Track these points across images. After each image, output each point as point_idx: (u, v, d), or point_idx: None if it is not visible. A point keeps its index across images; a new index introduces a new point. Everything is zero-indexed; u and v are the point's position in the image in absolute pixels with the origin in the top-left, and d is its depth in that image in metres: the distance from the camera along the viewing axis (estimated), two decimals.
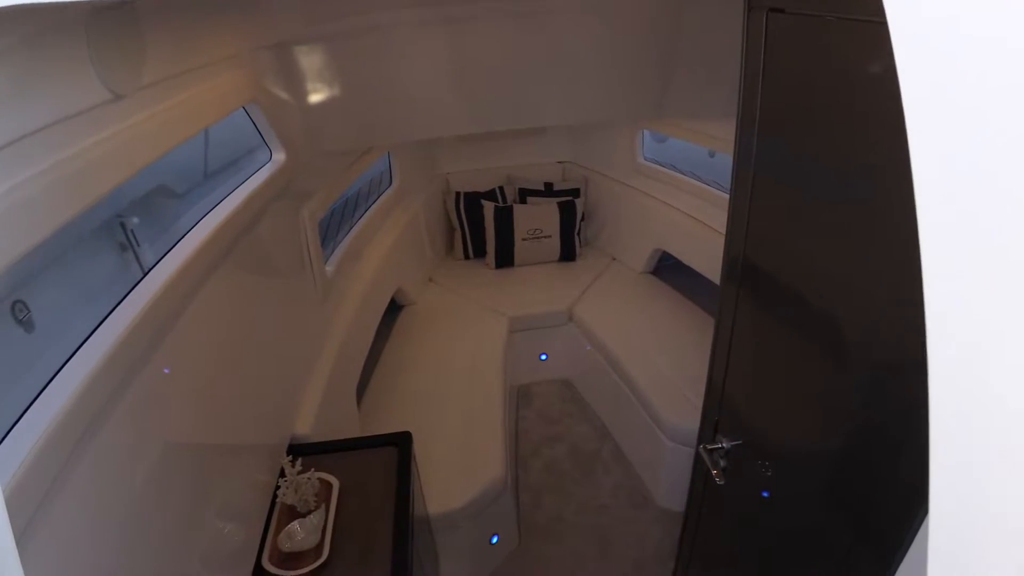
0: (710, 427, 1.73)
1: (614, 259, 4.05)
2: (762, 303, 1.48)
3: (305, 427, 2.05)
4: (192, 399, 1.39)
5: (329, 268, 2.56)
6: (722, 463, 1.59)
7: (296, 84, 2.15)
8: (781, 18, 1.16)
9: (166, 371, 1.26)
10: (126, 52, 1.12)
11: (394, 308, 3.55)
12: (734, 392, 1.62)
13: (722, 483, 1.56)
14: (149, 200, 3.36)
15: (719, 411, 1.68)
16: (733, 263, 1.54)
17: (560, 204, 3.95)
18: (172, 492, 1.24)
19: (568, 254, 4.01)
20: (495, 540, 2.59)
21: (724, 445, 1.60)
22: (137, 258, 2.82)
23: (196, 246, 1.42)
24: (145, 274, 1.31)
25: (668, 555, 2.65)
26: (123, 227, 3.06)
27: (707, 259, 3.22)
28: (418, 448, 2.29)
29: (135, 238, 2.73)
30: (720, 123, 2.97)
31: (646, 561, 2.64)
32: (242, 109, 1.90)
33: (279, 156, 2.01)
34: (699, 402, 2.69)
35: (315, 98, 2.24)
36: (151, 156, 1.22)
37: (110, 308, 1.20)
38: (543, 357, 3.70)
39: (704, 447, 1.62)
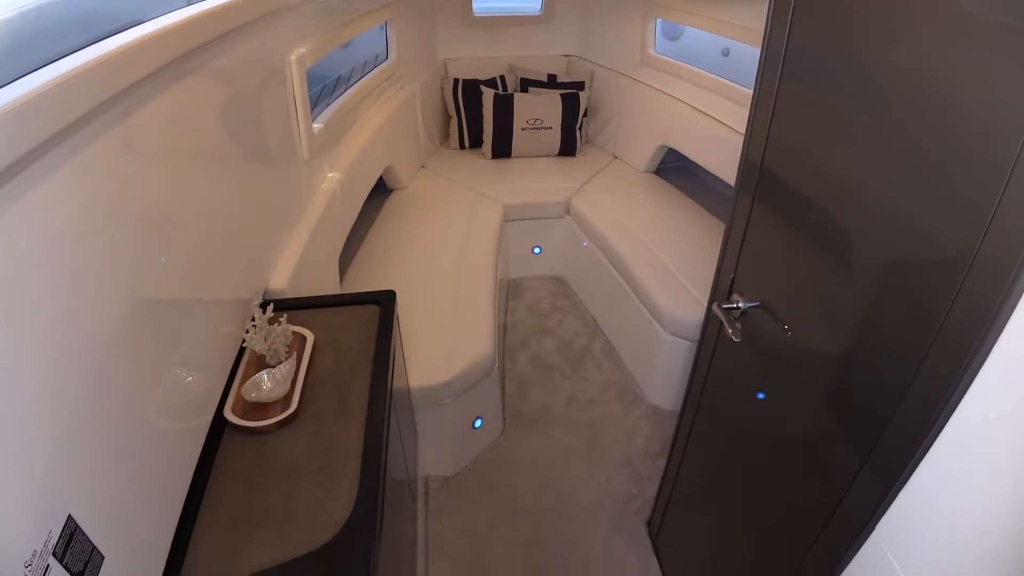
0: (725, 286, 1.57)
1: (616, 157, 3.83)
2: (780, 216, 1.32)
3: (280, 282, 1.86)
4: (142, 215, 1.17)
5: (317, 125, 2.33)
6: (738, 325, 1.44)
7: None
8: None
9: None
10: None
11: (383, 191, 3.34)
12: (750, 262, 1.46)
13: (738, 340, 1.41)
14: None
15: (735, 271, 1.51)
16: (750, 169, 1.37)
17: (563, 96, 3.69)
18: (101, 322, 1.02)
19: (568, 148, 3.78)
20: (479, 424, 2.46)
21: (740, 305, 1.44)
22: None
23: (167, 25, 1.17)
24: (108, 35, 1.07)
25: (658, 452, 2.56)
26: None
27: (717, 157, 3.01)
28: (403, 327, 2.12)
29: None
30: (744, 8, 2.70)
31: (635, 457, 2.54)
32: None
33: None
34: (702, 297, 2.56)
35: None
36: None
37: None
38: (536, 251, 3.52)
39: (719, 305, 1.47)
